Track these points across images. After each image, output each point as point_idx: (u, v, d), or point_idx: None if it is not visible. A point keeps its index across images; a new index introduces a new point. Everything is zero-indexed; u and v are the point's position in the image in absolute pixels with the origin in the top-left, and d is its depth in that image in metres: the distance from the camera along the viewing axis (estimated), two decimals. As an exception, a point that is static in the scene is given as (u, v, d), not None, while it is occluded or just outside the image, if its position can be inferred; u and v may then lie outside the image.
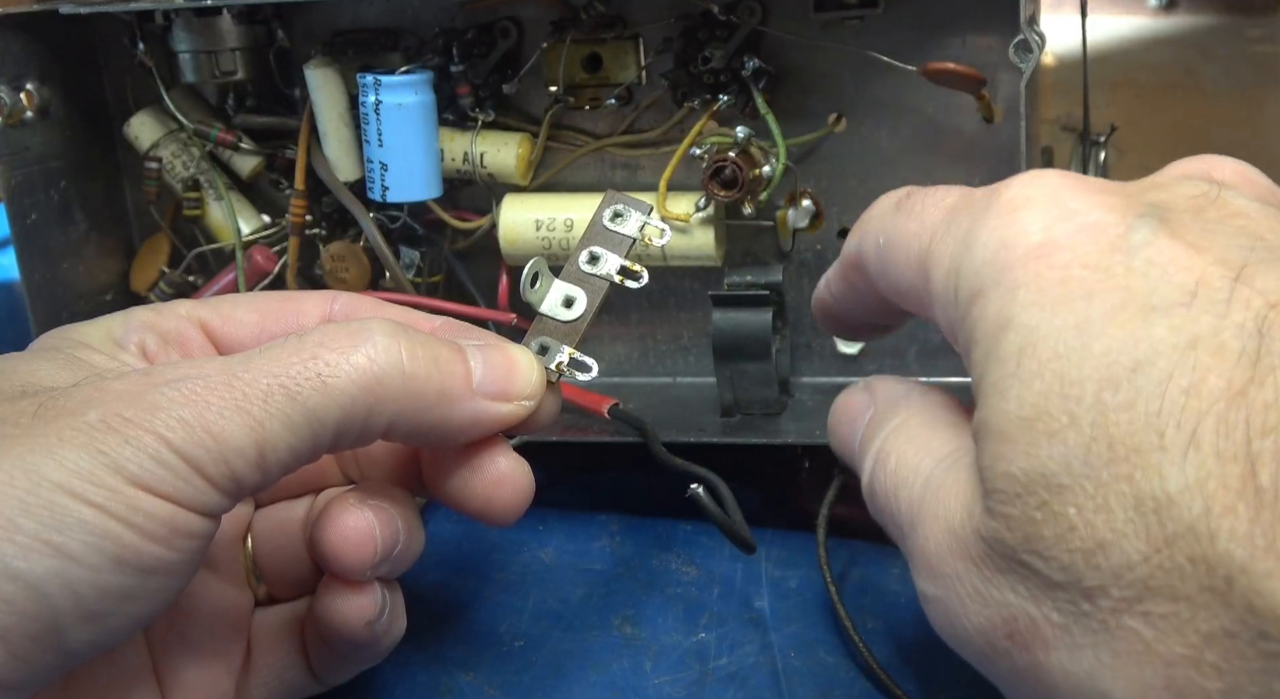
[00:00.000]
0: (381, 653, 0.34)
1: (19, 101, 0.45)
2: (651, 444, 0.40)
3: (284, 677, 0.34)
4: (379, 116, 0.44)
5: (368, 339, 0.29)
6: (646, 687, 0.37)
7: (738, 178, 0.42)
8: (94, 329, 0.32)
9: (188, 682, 0.32)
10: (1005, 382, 0.24)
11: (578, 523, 0.46)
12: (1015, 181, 0.26)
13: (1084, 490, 0.22)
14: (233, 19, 0.45)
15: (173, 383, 0.27)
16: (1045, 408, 0.23)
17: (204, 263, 0.50)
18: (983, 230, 0.26)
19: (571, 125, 0.47)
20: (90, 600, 0.25)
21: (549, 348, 0.33)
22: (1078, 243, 0.24)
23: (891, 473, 0.29)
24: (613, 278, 0.33)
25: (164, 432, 0.26)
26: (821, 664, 0.38)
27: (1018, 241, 0.25)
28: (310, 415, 0.27)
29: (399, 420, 0.29)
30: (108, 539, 0.25)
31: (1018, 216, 0.25)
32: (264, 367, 0.28)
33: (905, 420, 0.30)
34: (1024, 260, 0.24)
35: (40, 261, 0.46)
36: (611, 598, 0.41)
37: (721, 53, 0.43)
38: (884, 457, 0.30)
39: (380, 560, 0.32)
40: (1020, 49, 0.39)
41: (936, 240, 0.27)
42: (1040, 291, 0.24)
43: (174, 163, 0.49)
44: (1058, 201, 0.25)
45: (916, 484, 0.28)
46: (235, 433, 0.26)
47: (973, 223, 0.26)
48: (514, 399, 0.31)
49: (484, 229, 0.47)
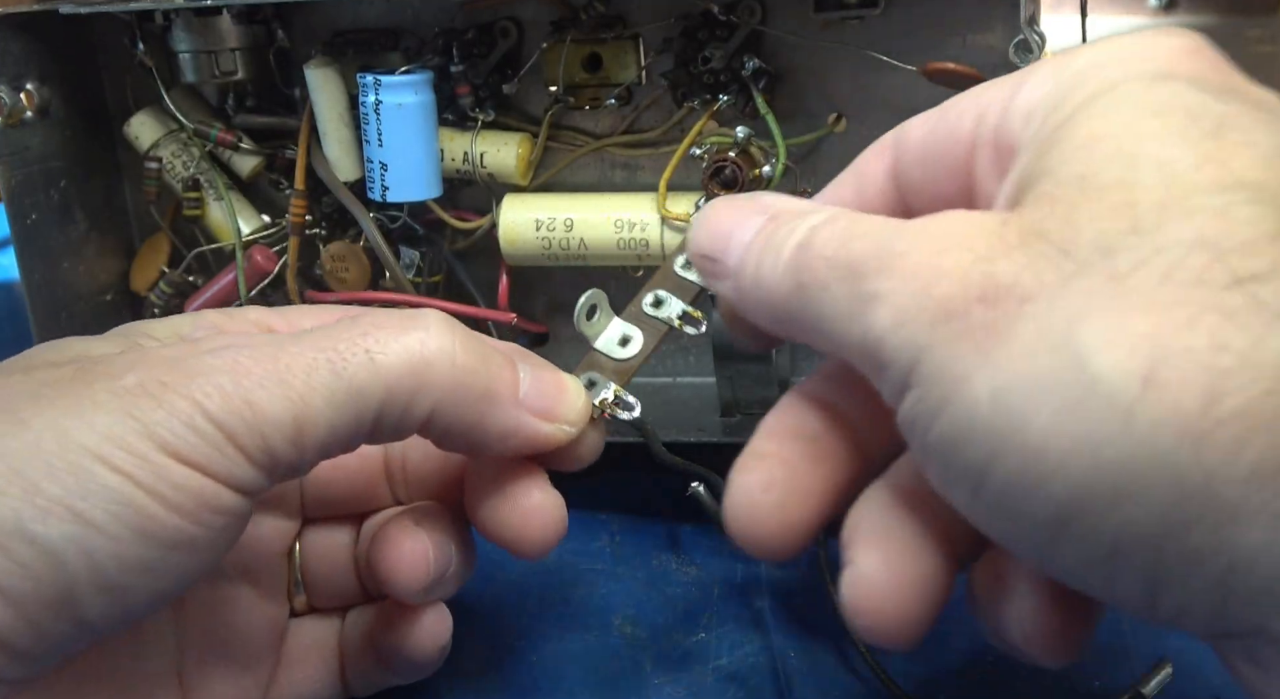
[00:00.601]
0: (430, 672, 0.35)
1: (19, 101, 0.45)
2: (651, 444, 0.40)
3: (314, 686, 0.34)
4: (379, 116, 0.44)
5: (423, 323, 0.29)
6: (646, 687, 0.37)
7: (738, 178, 0.42)
8: (161, 325, 0.32)
9: (217, 689, 0.32)
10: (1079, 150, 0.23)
11: (578, 523, 0.45)
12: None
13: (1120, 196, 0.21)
14: (233, 19, 0.45)
15: (216, 351, 0.27)
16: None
17: (204, 263, 0.50)
18: (1090, 49, 0.25)
19: (571, 125, 0.47)
20: (109, 571, 0.25)
21: (596, 383, 0.32)
22: (1182, 75, 0.24)
23: (843, 228, 0.25)
24: (673, 322, 0.33)
25: (200, 398, 0.25)
26: (821, 664, 0.38)
27: (1126, 60, 0.25)
28: (354, 392, 0.27)
29: (441, 411, 0.29)
30: (132, 509, 0.25)
31: (1131, 41, 0.25)
32: (313, 341, 0.27)
33: (836, 213, 0.27)
34: (1130, 77, 0.24)
35: (40, 261, 0.46)
36: (611, 598, 0.41)
37: (721, 53, 0.43)
38: (826, 222, 0.26)
39: (434, 583, 0.32)
40: (1020, 49, 0.39)
41: (1032, 68, 0.26)
42: (1139, 96, 0.23)
43: (174, 163, 0.49)
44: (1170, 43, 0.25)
45: (885, 229, 0.25)
46: (274, 404, 0.26)
47: (1074, 51, 0.26)
48: (556, 421, 0.31)
49: (484, 229, 0.47)
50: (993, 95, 0.27)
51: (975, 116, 0.27)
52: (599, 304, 0.33)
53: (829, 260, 0.25)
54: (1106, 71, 0.24)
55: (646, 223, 0.45)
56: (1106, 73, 0.24)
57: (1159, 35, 0.25)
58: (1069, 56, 0.26)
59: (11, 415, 0.25)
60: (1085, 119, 0.23)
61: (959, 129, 0.27)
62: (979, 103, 0.27)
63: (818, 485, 0.28)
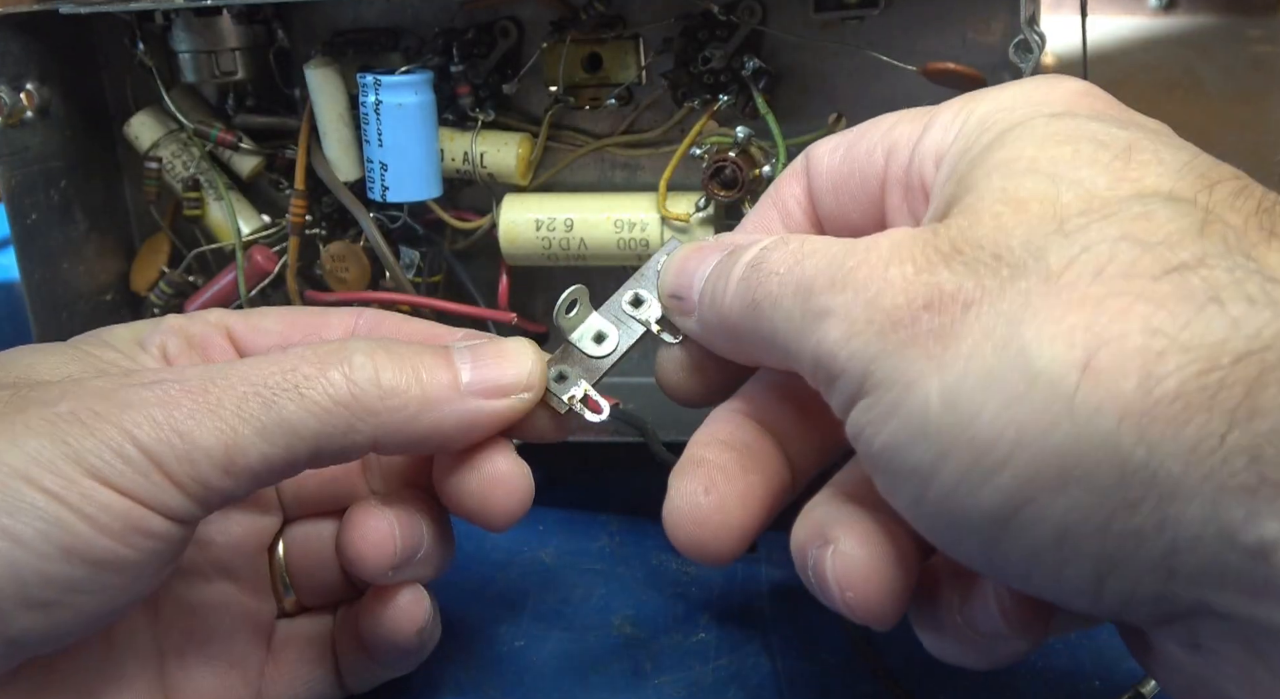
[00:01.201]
0: (419, 660, 0.35)
1: (19, 101, 0.45)
2: (652, 443, 0.40)
3: (310, 685, 0.34)
4: (379, 116, 0.44)
5: (345, 358, 0.29)
6: (646, 687, 0.37)
7: (738, 178, 0.42)
8: (124, 330, 0.33)
9: (201, 688, 0.32)
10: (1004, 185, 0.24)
11: (578, 523, 0.46)
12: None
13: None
14: (233, 19, 0.45)
15: (149, 384, 0.27)
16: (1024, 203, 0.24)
17: (204, 263, 0.50)
18: (1003, 88, 0.27)
19: (571, 125, 0.47)
20: (34, 587, 0.25)
21: (567, 377, 0.32)
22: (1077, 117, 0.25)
23: (794, 251, 0.27)
24: (650, 325, 0.32)
25: (130, 427, 0.26)
26: (821, 664, 0.38)
27: (1030, 102, 0.26)
28: (285, 424, 0.28)
29: (385, 434, 0.29)
30: (58, 527, 0.25)
31: (1036, 84, 0.27)
32: (242, 374, 0.28)
33: (784, 238, 0.28)
34: (1037, 117, 0.26)
35: (40, 261, 0.46)
36: (611, 598, 0.41)
37: (721, 53, 0.43)
38: (775, 246, 0.27)
39: (402, 562, 0.32)
40: (1020, 49, 0.39)
41: (944, 105, 0.28)
42: (1048, 128, 0.25)
43: (174, 163, 0.49)
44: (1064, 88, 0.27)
45: (834, 248, 0.26)
46: (204, 435, 0.27)
47: (988, 89, 0.28)
48: (509, 394, 0.31)
49: (484, 229, 0.47)
50: (901, 132, 0.29)
51: (885, 153, 0.29)
52: (580, 299, 0.33)
53: (781, 277, 0.26)
54: (1012, 112, 0.26)
55: (646, 223, 0.45)
56: (1012, 113, 0.26)
57: (1054, 80, 0.27)
58: (972, 100, 0.28)
59: None
60: (999, 147, 0.25)
61: (870, 165, 0.29)
62: (888, 139, 0.29)
63: (753, 491, 0.29)
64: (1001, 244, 0.23)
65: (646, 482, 0.47)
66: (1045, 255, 0.22)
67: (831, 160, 0.30)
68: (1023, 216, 0.23)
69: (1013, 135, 0.25)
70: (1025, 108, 0.26)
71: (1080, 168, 0.23)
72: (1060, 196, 0.23)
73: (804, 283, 0.26)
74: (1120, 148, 0.24)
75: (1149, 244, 0.21)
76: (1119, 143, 0.24)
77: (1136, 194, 0.23)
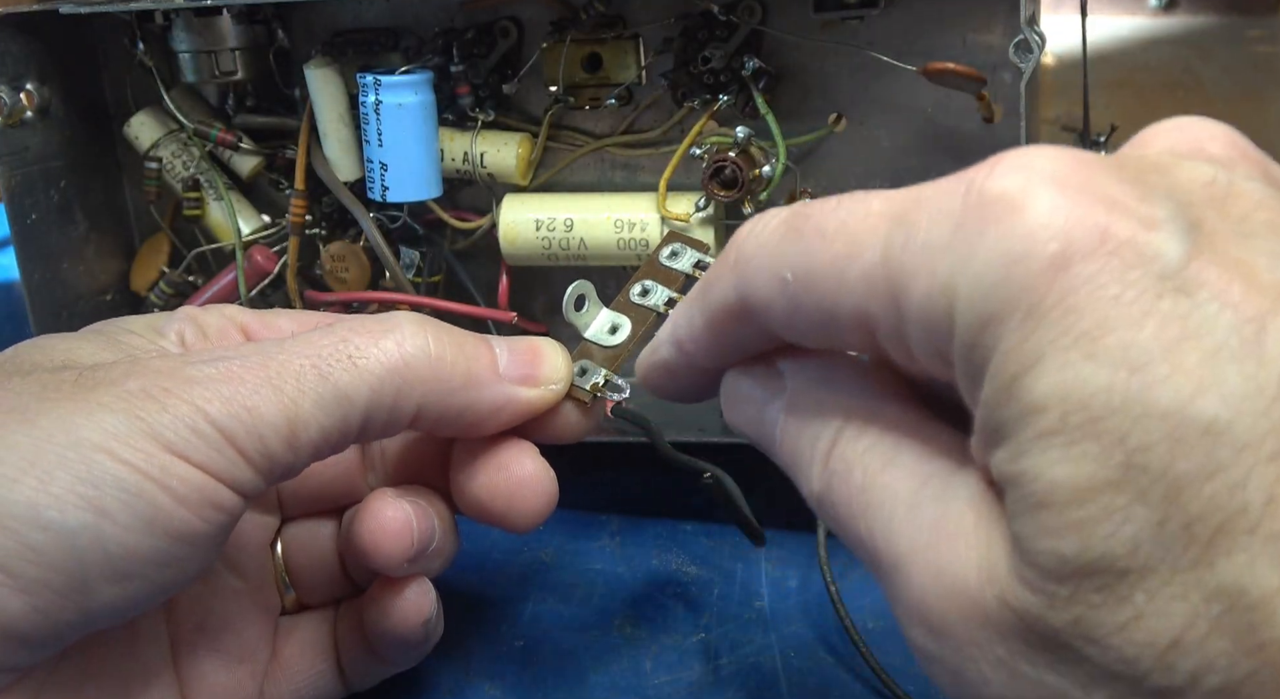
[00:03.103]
0: (422, 655, 0.35)
1: (19, 101, 0.45)
2: (656, 441, 0.40)
3: (313, 681, 0.35)
4: (379, 116, 0.44)
5: (396, 326, 0.30)
6: (646, 687, 0.37)
7: (738, 178, 0.42)
8: (139, 319, 0.33)
9: (212, 682, 0.32)
10: (1046, 440, 0.19)
11: (578, 523, 0.46)
12: (996, 170, 0.21)
13: (1157, 575, 0.18)
14: (233, 19, 0.45)
15: (210, 361, 0.28)
16: (1104, 477, 0.18)
17: (204, 263, 0.50)
18: (979, 238, 0.20)
19: (571, 125, 0.47)
20: (119, 559, 0.25)
21: (588, 370, 0.33)
22: (1107, 249, 0.19)
23: (859, 490, 0.23)
24: (659, 309, 0.34)
25: (201, 403, 0.27)
26: (821, 664, 0.38)
27: (1032, 253, 0.19)
28: (340, 394, 0.28)
29: (428, 403, 0.30)
30: (142, 499, 0.25)
31: (1022, 219, 0.19)
32: (297, 349, 0.29)
33: (858, 426, 0.24)
34: (1044, 277, 0.19)
35: (40, 261, 0.46)
36: (611, 598, 0.41)
37: (721, 53, 0.43)
38: (843, 467, 0.24)
39: (417, 553, 0.32)
40: (1020, 49, 0.39)
41: (898, 250, 0.21)
42: (1077, 317, 0.19)
43: (174, 163, 0.49)
44: (1063, 192, 0.20)
45: (897, 514, 0.22)
46: (269, 408, 0.27)
47: (958, 228, 0.20)
48: (541, 384, 0.32)
49: (484, 229, 0.47)
50: (863, 302, 0.22)
51: (855, 320, 0.23)
52: (587, 294, 0.34)
53: (848, 526, 0.24)
54: (997, 290, 0.20)
55: (646, 223, 0.45)
56: (999, 290, 0.20)
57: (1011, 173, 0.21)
58: (941, 269, 0.21)
59: (19, 414, 0.26)
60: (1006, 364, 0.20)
61: (839, 327, 0.23)
62: (853, 309, 0.22)
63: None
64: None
65: (647, 481, 0.47)
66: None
67: (791, 323, 0.24)
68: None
69: (1013, 343, 0.19)
70: (1014, 277, 0.19)
71: None
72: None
73: (868, 551, 0.23)
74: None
75: None
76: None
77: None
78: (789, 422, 0.26)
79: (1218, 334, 0.18)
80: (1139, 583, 0.18)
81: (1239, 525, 0.17)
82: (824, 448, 0.24)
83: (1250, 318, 0.18)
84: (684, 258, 0.35)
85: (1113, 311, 0.18)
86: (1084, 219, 0.19)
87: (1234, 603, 0.17)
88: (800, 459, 0.25)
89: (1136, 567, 0.18)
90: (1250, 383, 0.18)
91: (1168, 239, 0.19)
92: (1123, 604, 0.18)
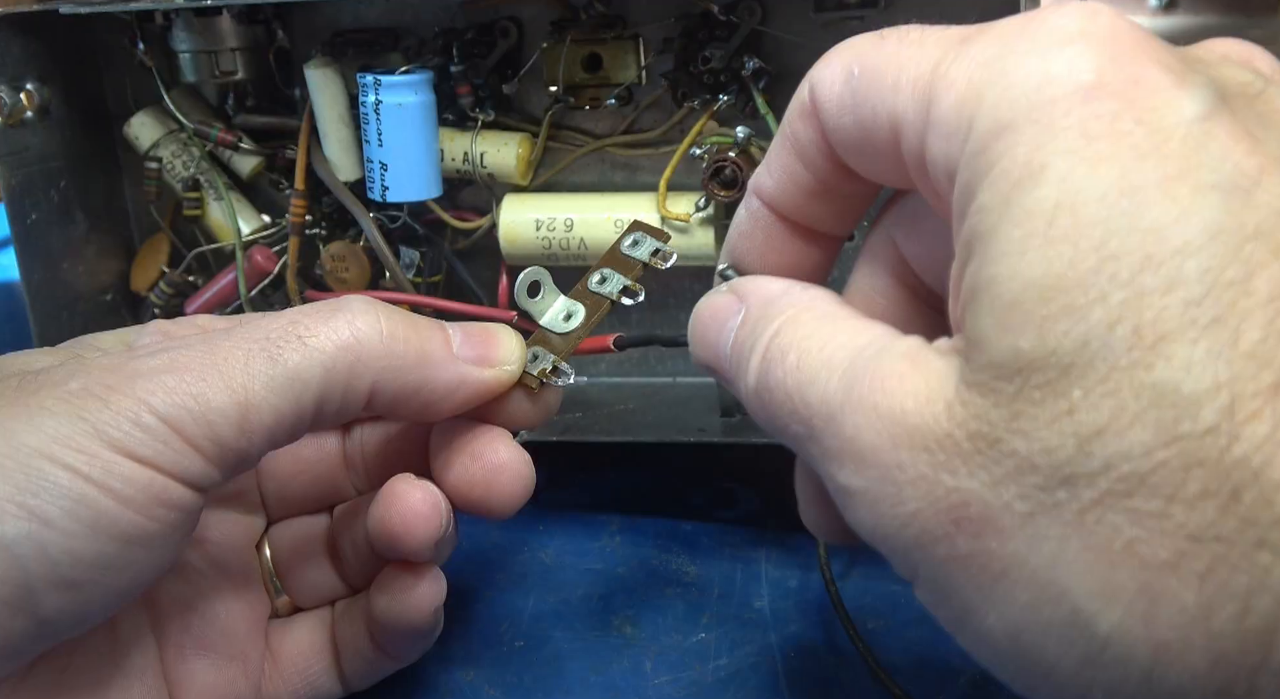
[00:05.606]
0: (426, 647, 0.35)
1: (19, 101, 0.45)
2: (660, 339, 0.39)
3: (311, 682, 0.34)
4: (379, 116, 0.44)
5: (345, 306, 0.30)
6: (646, 687, 0.37)
7: (738, 178, 0.42)
8: (111, 335, 0.33)
9: (202, 682, 0.32)
10: (1029, 241, 0.20)
11: (578, 523, 0.46)
12: (1065, 8, 0.22)
13: (1095, 372, 0.19)
14: (233, 19, 0.46)
15: (155, 353, 0.27)
16: (1074, 279, 0.20)
17: (204, 263, 0.50)
18: (1022, 57, 0.22)
19: (571, 125, 0.47)
20: (64, 566, 0.25)
21: (539, 356, 0.33)
22: (1134, 94, 0.21)
23: (794, 368, 0.25)
24: (613, 296, 0.34)
25: (145, 396, 0.26)
26: (821, 664, 0.38)
27: (1066, 77, 0.21)
28: (292, 375, 0.28)
29: (382, 382, 0.30)
30: (84, 504, 0.25)
31: (1069, 50, 0.21)
32: (244, 334, 0.28)
33: (794, 315, 0.26)
34: (1070, 99, 0.21)
35: (40, 261, 0.46)
36: (611, 598, 0.41)
37: (721, 53, 0.43)
38: (778, 353, 0.26)
39: (443, 536, 0.32)
40: (1020, 49, 0.39)
41: (949, 62, 0.23)
42: (1087, 140, 0.20)
43: (174, 163, 0.49)
44: (1116, 42, 0.21)
45: (833, 378, 0.24)
46: (216, 395, 0.27)
47: (1005, 48, 0.22)
48: (496, 364, 0.32)
49: (484, 229, 0.47)
50: (904, 107, 0.24)
51: (891, 128, 0.24)
52: (542, 281, 0.34)
53: (774, 413, 0.26)
54: (1028, 97, 0.22)
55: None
56: (1029, 98, 0.22)
57: (1079, 17, 0.23)
58: (979, 74, 0.22)
59: None
60: (1009, 169, 0.21)
61: (879, 137, 0.25)
62: (892, 111, 0.24)
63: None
64: (1028, 451, 0.20)
65: (646, 482, 0.47)
66: (1075, 484, 0.20)
67: (840, 121, 0.26)
68: (1053, 328, 0.20)
69: (1022, 151, 0.21)
70: (1042, 91, 0.21)
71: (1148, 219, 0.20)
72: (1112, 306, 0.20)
73: (808, 422, 0.24)
74: (1236, 183, 0.20)
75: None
76: (1231, 171, 0.20)
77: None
78: (740, 332, 0.28)
79: (1214, 177, 0.20)
80: (1079, 379, 0.20)
81: (1186, 335, 0.19)
82: (765, 341, 0.26)
83: (1248, 172, 0.20)
84: (643, 246, 0.35)
85: (1123, 143, 0.20)
86: (1125, 65, 0.21)
87: (1162, 399, 0.19)
88: (741, 360, 0.27)
89: (1080, 363, 0.20)
90: (1231, 219, 0.19)
91: (1192, 98, 0.21)
92: (1059, 398, 0.20)
